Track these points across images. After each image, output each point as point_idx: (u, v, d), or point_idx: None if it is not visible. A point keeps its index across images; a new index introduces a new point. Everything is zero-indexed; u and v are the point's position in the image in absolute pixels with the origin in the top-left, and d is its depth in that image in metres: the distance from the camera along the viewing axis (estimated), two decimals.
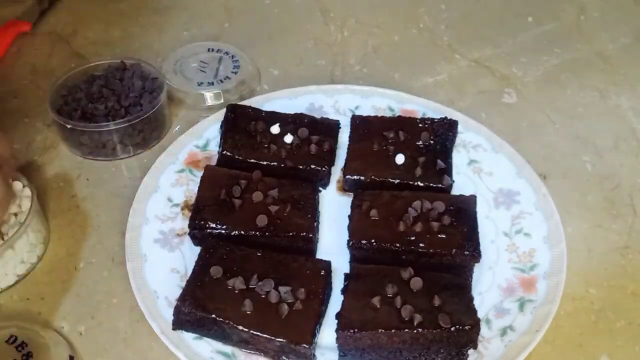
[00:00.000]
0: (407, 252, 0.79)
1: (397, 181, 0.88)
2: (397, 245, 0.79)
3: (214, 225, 0.81)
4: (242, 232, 0.81)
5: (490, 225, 0.86)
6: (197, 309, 0.72)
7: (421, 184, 0.87)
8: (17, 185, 0.85)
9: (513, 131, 1.01)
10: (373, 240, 0.80)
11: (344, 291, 0.77)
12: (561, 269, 0.80)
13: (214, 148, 0.95)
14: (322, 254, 0.84)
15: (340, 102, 1.01)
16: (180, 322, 0.74)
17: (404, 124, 0.93)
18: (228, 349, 0.74)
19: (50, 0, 1.23)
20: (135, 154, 0.97)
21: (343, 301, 0.75)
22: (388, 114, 0.99)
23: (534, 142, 1.00)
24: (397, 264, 0.77)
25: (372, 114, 0.97)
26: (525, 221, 0.86)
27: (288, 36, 1.19)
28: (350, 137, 0.93)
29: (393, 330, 0.71)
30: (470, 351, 0.73)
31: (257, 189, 0.84)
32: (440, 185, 0.87)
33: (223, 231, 0.81)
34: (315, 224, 0.83)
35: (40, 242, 0.83)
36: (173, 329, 0.74)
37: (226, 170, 0.88)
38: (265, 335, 0.71)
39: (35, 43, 1.16)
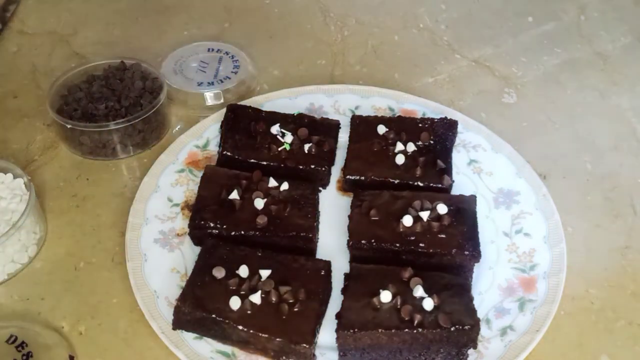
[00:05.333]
0: (407, 252, 0.79)
1: (397, 181, 0.88)
2: (397, 245, 0.79)
3: (214, 225, 0.81)
4: (242, 232, 0.81)
5: (490, 225, 0.86)
6: (197, 308, 0.72)
7: (421, 184, 0.87)
8: (18, 183, 0.85)
9: (513, 131, 1.01)
10: (373, 240, 0.80)
11: (344, 291, 0.77)
12: (561, 269, 0.80)
13: (214, 148, 0.95)
14: (322, 254, 0.84)
15: (340, 102, 1.01)
16: (181, 322, 0.74)
17: (404, 124, 0.93)
18: (228, 348, 0.74)
19: None
20: (135, 154, 0.97)
21: (343, 301, 0.75)
22: (388, 114, 0.99)
23: (534, 142, 1.00)
24: (397, 264, 0.77)
25: (372, 114, 0.97)
26: (525, 221, 0.86)
27: (288, 36, 1.19)
28: (350, 137, 0.93)
29: (393, 330, 0.71)
30: (470, 351, 0.73)
31: (257, 189, 0.84)
32: (440, 185, 0.87)
33: (223, 231, 0.81)
34: (315, 224, 0.83)
35: (34, 243, 0.83)
36: (173, 329, 0.74)
37: (226, 170, 0.88)
38: (265, 335, 0.71)
39: (35, 43, 1.16)
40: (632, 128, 1.03)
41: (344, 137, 0.95)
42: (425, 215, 0.81)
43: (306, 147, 0.91)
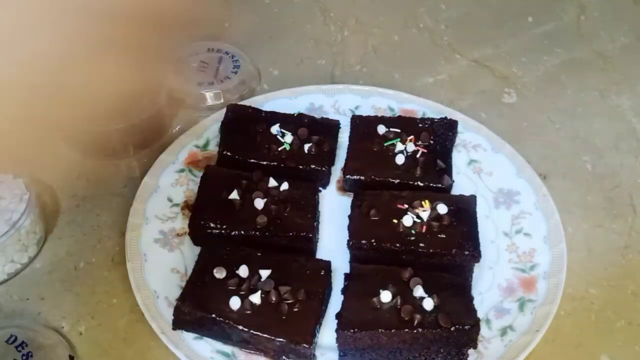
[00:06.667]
0: (407, 252, 0.79)
1: (397, 181, 0.88)
2: (397, 245, 0.79)
3: (214, 225, 0.81)
4: (242, 232, 0.81)
5: (490, 225, 0.86)
6: (197, 308, 0.72)
7: (421, 184, 0.87)
8: (18, 183, 0.85)
9: (513, 131, 1.01)
10: (373, 240, 0.80)
11: (344, 291, 0.77)
12: (561, 269, 0.80)
13: (214, 148, 0.95)
14: (322, 254, 0.84)
15: (340, 102, 1.01)
16: (180, 322, 0.74)
17: (404, 124, 0.93)
18: (228, 348, 0.74)
19: None
20: (135, 153, 0.97)
21: (343, 301, 0.75)
22: (388, 114, 0.99)
23: (534, 142, 1.00)
24: (397, 264, 0.77)
25: (372, 114, 0.97)
26: (525, 221, 0.86)
27: (288, 36, 1.19)
28: (350, 137, 0.93)
29: (393, 330, 0.71)
30: (470, 351, 0.73)
31: (257, 189, 0.84)
32: (440, 185, 0.87)
33: (223, 231, 0.81)
34: (315, 224, 0.83)
35: (34, 243, 0.83)
36: (173, 329, 0.74)
37: (226, 170, 0.88)
38: (265, 335, 0.71)
39: None
40: (632, 128, 1.03)
41: (344, 137, 0.95)
42: (425, 215, 0.81)
43: (306, 147, 0.91)
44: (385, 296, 0.73)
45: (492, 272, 0.82)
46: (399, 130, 0.92)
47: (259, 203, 0.83)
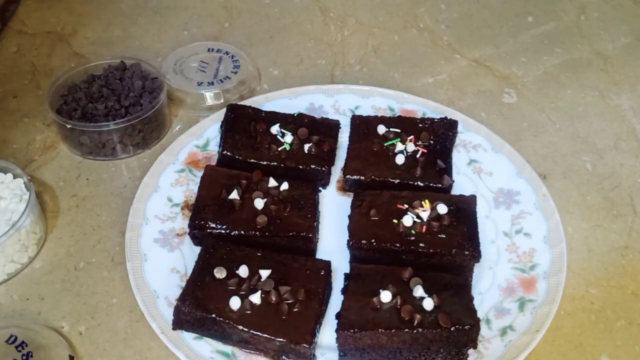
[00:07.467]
0: (407, 252, 0.79)
1: (397, 181, 0.88)
2: (397, 245, 0.79)
3: (214, 225, 0.81)
4: (242, 232, 0.81)
5: (490, 225, 0.86)
6: (197, 308, 0.72)
7: (421, 184, 0.87)
8: (18, 183, 0.85)
9: (513, 131, 1.01)
10: (373, 240, 0.80)
11: (344, 291, 0.77)
12: (561, 269, 0.80)
13: (214, 148, 0.95)
14: (322, 254, 0.84)
15: (340, 102, 1.01)
16: (180, 322, 0.74)
17: (404, 124, 0.93)
18: (228, 348, 0.74)
19: None
20: (135, 153, 0.97)
21: (343, 301, 0.75)
22: (388, 114, 0.99)
23: (534, 142, 1.00)
24: (397, 264, 0.77)
25: (372, 114, 0.97)
26: (525, 221, 0.86)
27: (288, 36, 1.19)
28: (350, 137, 0.93)
29: (393, 330, 0.71)
30: (470, 351, 0.73)
31: (257, 189, 0.84)
32: (440, 185, 0.87)
33: (223, 231, 0.81)
34: (315, 224, 0.83)
35: (34, 243, 0.83)
36: (173, 329, 0.74)
37: (226, 170, 0.88)
38: (265, 335, 0.71)
39: (35, 43, 1.16)
40: (632, 128, 1.03)
41: (344, 137, 0.95)
42: (425, 215, 0.81)
43: (306, 147, 0.91)
44: (385, 296, 0.73)
45: (492, 272, 0.82)
46: (399, 130, 0.92)
47: (259, 203, 0.83)
